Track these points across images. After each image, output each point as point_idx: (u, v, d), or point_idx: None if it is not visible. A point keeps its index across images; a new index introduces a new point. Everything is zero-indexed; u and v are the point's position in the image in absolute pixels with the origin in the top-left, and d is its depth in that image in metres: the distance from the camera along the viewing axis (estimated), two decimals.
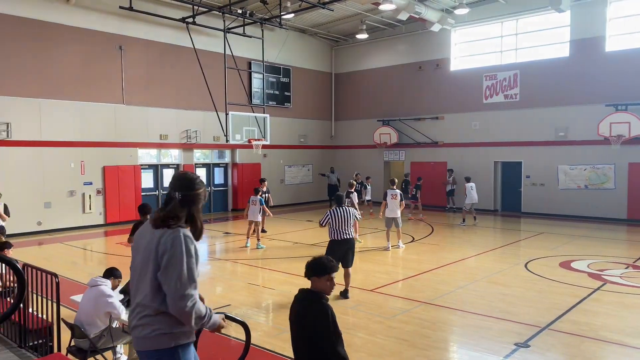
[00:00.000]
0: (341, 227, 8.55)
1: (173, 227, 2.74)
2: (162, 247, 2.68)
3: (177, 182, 2.89)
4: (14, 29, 14.89)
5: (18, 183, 14.94)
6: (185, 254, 2.68)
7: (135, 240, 2.93)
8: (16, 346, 5.25)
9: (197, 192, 2.88)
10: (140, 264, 2.79)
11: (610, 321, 7.23)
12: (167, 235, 2.70)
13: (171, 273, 2.64)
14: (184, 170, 3.10)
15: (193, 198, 2.85)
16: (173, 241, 2.67)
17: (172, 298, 2.65)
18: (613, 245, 13.36)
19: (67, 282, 9.75)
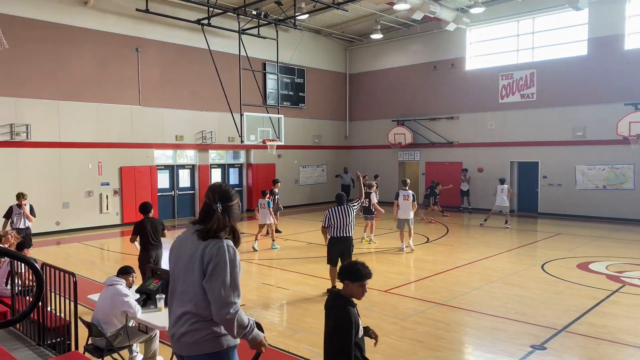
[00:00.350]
0: (340, 226, 8.66)
1: (216, 236, 2.86)
2: (208, 257, 2.79)
3: (216, 194, 2.98)
4: (33, 32, 15.15)
5: (37, 183, 15.20)
6: (229, 263, 2.79)
7: (176, 249, 3.02)
8: (35, 344, 5.35)
9: (234, 202, 3.01)
10: (184, 274, 2.88)
11: (629, 324, 7.11)
12: (212, 245, 2.82)
13: (215, 281, 2.75)
14: (218, 182, 3.16)
15: (231, 209, 2.97)
16: (218, 250, 2.79)
17: (215, 305, 2.75)
18: (632, 246, 13.14)
19: (85, 281, 9.89)
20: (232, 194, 3.01)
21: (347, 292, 3.68)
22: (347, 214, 8.65)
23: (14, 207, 10.62)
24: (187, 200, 19.86)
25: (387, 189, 24.24)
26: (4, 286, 6.87)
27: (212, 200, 2.95)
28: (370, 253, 12.47)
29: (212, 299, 2.77)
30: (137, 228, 8.06)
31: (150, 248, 8.00)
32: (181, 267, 2.91)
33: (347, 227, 8.66)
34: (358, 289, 3.65)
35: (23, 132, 15.02)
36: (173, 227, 17.46)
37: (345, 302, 3.63)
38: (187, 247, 2.91)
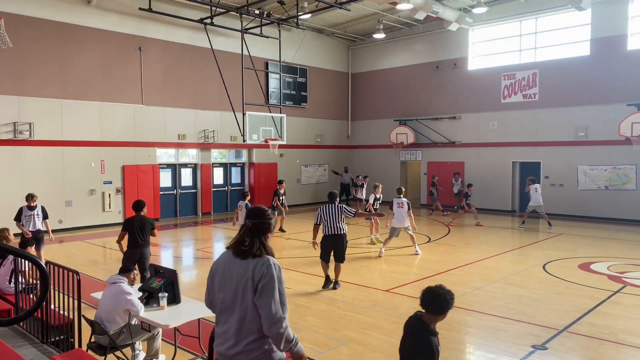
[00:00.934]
0: (331, 223, 8.86)
1: (260, 255, 3.01)
2: (258, 275, 2.94)
3: (250, 212, 3.18)
4: (36, 31, 15.20)
5: (40, 182, 15.24)
6: (277, 280, 2.95)
7: (221, 272, 3.13)
8: (38, 342, 5.38)
9: (263, 220, 3.13)
10: (236, 294, 3.00)
11: (630, 324, 7.13)
12: (260, 263, 2.97)
13: (266, 298, 2.90)
14: (259, 206, 3.27)
15: (260, 225, 3.10)
16: (267, 269, 2.94)
17: (267, 321, 2.91)
18: (634, 247, 13.13)
19: (88, 279, 9.94)
20: (265, 213, 3.16)
21: (430, 320, 3.53)
22: (337, 212, 8.86)
23: (23, 208, 10.02)
24: (189, 199, 19.90)
25: (387, 189, 24.26)
26: (7, 284, 6.91)
27: (247, 219, 3.15)
28: (372, 252, 12.48)
29: (263, 315, 2.92)
30: (125, 224, 8.12)
31: (135, 245, 8.00)
32: (231, 288, 3.03)
33: (337, 224, 8.86)
34: (444, 317, 3.54)
35: (26, 131, 15.07)
36: (175, 226, 17.51)
37: (429, 332, 3.49)
38: (235, 269, 3.05)
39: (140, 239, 8.01)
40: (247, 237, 3.07)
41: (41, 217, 10.03)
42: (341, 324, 7.22)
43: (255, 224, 3.11)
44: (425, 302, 3.53)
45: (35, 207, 10.00)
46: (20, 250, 2.85)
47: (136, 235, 8.00)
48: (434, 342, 3.42)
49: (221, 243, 14.88)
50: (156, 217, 18.25)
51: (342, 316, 7.59)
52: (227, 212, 20.88)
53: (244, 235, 3.09)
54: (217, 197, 20.79)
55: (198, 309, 5.69)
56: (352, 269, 10.61)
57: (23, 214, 9.93)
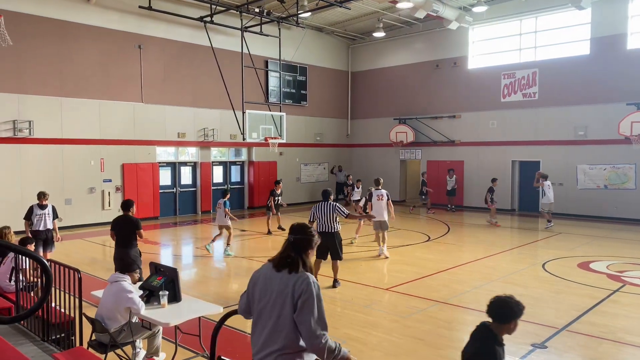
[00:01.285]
0: (323, 221, 8.93)
1: (298, 272, 3.07)
2: (298, 292, 3.01)
3: (292, 229, 3.25)
4: (36, 29, 15.18)
5: (39, 180, 15.23)
6: (316, 297, 3.00)
7: (262, 283, 3.18)
8: (39, 340, 5.38)
9: (308, 237, 3.19)
10: (274, 307, 3.07)
11: (630, 323, 7.14)
12: (300, 280, 3.03)
13: (306, 315, 2.97)
14: (301, 222, 3.31)
15: (301, 241, 3.17)
16: (307, 286, 3.01)
17: (307, 338, 2.98)
18: (633, 246, 13.15)
19: (87, 277, 9.94)
20: (306, 229, 3.22)
21: (497, 329, 3.43)
22: (330, 211, 8.91)
23: (34, 207, 9.59)
24: (188, 198, 19.89)
25: (389, 189, 24.24)
26: (7, 282, 6.91)
27: (289, 235, 3.23)
28: (371, 252, 12.50)
29: (303, 332, 2.99)
30: (112, 224, 8.16)
31: (118, 244, 8.03)
32: (269, 301, 3.10)
33: (330, 222, 8.91)
34: (511, 327, 3.43)
35: (26, 129, 15.06)
36: (175, 224, 17.52)
37: (494, 340, 3.38)
38: (275, 282, 3.11)
39: (122, 239, 8.00)
40: (289, 252, 3.14)
41: (52, 216, 9.68)
42: (341, 322, 7.23)
43: (298, 240, 3.17)
44: (492, 310, 3.47)
45: (46, 206, 9.64)
46: (22, 248, 2.85)
47: (119, 235, 8.02)
48: (499, 352, 3.35)
49: (221, 241, 14.86)
50: (156, 215, 18.27)
51: (342, 315, 7.60)
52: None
53: (287, 250, 3.16)
54: (216, 195, 20.72)
55: (199, 307, 5.70)
56: (351, 267, 10.63)
57: (34, 212, 9.53)
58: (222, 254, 12.37)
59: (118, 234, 8.07)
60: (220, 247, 12.64)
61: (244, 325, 6.95)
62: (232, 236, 12.55)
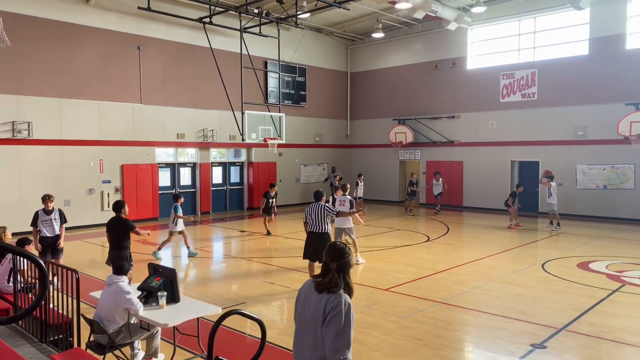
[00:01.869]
0: (314, 221, 8.91)
1: (335, 291, 3.20)
2: (328, 308, 3.16)
3: (330, 254, 3.32)
4: (35, 30, 15.17)
5: (39, 181, 15.23)
6: (344, 317, 3.13)
7: (303, 298, 3.38)
8: (37, 341, 5.37)
9: (346, 260, 3.30)
10: (312, 321, 3.26)
11: (629, 323, 7.14)
12: (333, 298, 3.18)
13: (331, 330, 3.11)
14: (334, 242, 3.41)
15: (344, 266, 3.29)
16: (337, 304, 3.15)
17: (329, 351, 3.13)
18: (632, 246, 13.15)
19: (86, 278, 9.92)
20: (345, 252, 3.31)
21: None
22: (320, 211, 8.89)
23: (40, 212, 8.98)
24: (188, 199, 19.84)
25: (386, 189, 24.31)
26: (5, 283, 6.90)
27: (328, 259, 3.30)
28: (370, 251, 12.49)
29: (327, 345, 3.14)
30: (106, 225, 8.16)
31: (111, 246, 8.06)
32: (307, 315, 3.30)
33: (320, 223, 8.89)
34: None
35: (25, 130, 15.05)
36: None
37: None
38: (313, 298, 3.29)
39: (114, 240, 8.00)
40: (330, 275, 3.26)
41: (59, 221, 9.09)
42: None
43: (339, 265, 3.27)
44: None
45: (52, 211, 9.02)
46: (19, 249, 2.85)
47: (112, 237, 8.03)
48: None
49: (220, 242, 14.87)
50: (155, 216, 18.25)
51: None
52: (226, 212, 20.89)
53: (331, 276, 3.26)
54: (216, 196, 20.78)
55: (197, 308, 5.70)
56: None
57: (39, 218, 8.91)
58: (222, 255, 12.34)
59: (110, 236, 8.08)
60: (184, 251, 12.50)
61: (243, 325, 6.94)
62: (187, 237, 12.30)
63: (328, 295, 3.21)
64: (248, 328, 6.90)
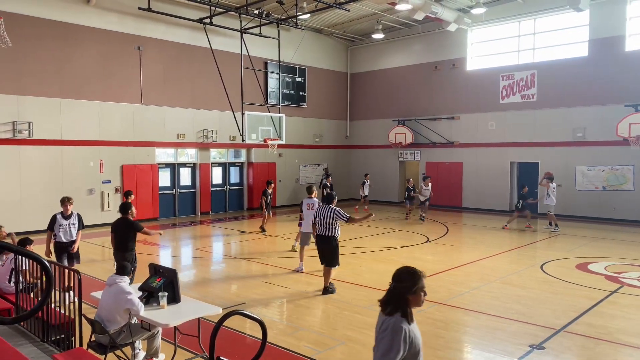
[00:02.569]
0: (322, 224, 8.86)
1: (392, 314, 3.20)
2: (382, 328, 3.20)
3: (394, 275, 3.32)
4: (35, 30, 15.20)
5: (38, 181, 15.27)
6: (392, 337, 3.10)
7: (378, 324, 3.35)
8: (39, 340, 5.40)
9: (408, 284, 3.22)
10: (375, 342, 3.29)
11: (627, 324, 7.17)
12: (387, 320, 3.19)
13: (378, 350, 3.16)
14: (405, 266, 3.38)
15: (404, 289, 3.22)
16: (388, 326, 3.15)
17: None
18: (631, 247, 13.19)
19: (87, 278, 9.95)
20: (407, 275, 3.26)
21: None
22: (330, 215, 8.82)
23: (57, 216, 8.43)
24: (187, 199, 19.91)
25: (386, 189, 24.34)
26: (7, 283, 6.94)
27: (391, 280, 3.32)
28: (370, 252, 12.53)
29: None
30: (111, 226, 8.22)
31: (116, 248, 8.08)
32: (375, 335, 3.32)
33: (325, 226, 8.83)
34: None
35: (25, 130, 15.08)
36: (174, 226, 17.53)
37: None
38: (379, 319, 3.32)
39: (119, 242, 8.01)
40: (387, 297, 3.27)
41: (77, 226, 8.53)
42: (340, 323, 7.25)
43: (399, 287, 3.23)
44: None
45: (71, 216, 8.49)
46: (21, 249, 2.87)
47: (117, 238, 8.04)
48: None
49: (220, 242, 14.90)
50: (155, 216, 18.28)
51: (341, 316, 7.62)
52: (226, 212, 20.92)
53: (387, 294, 3.28)
54: (215, 196, 20.81)
55: (198, 308, 5.73)
56: (350, 268, 10.65)
57: (57, 222, 8.38)
58: (221, 256, 12.38)
59: (115, 237, 8.10)
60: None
61: (243, 326, 6.97)
62: None
63: (384, 316, 3.21)
64: (248, 328, 6.93)
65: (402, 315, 3.15)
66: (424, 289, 3.22)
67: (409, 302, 3.20)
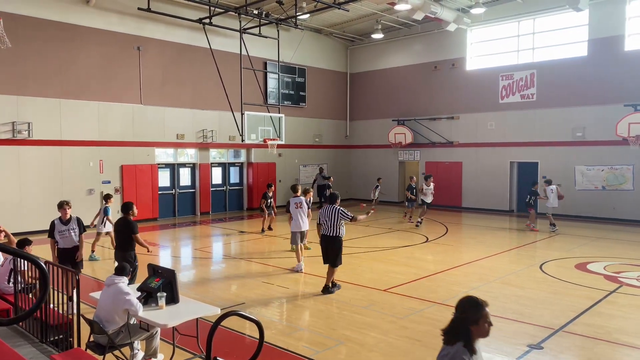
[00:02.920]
0: (327, 224, 8.86)
1: (452, 343, 3.10)
2: (441, 355, 3.14)
3: (457, 303, 3.23)
4: (35, 31, 15.21)
5: (38, 181, 15.28)
6: None
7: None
8: (38, 341, 5.41)
9: (469, 315, 3.12)
10: None
11: (626, 324, 7.18)
12: (448, 348, 3.12)
13: None
14: (469, 296, 3.27)
15: (466, 320, 3.12)
16: (448, 353, 3.09)
17: None
18: (630, 247, 13.19)
19: (86, 279, 9.97)
20: (469, 306, 3.16)
21: None
22: (335, 215, 8.81)
23: (56, 222, 8.09)
24: (187, 199, 19.92)
25: (388, 190, 24.32)
26: (6, 284, 6.94)
27: (455, 309, 3.23)
28: (369, 252, 12.53)
29: None
30: (116, 226, 8.22)
31: (116, 247, 8.09)
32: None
33: (331, 226, 8.82)
34: None
35: (25, 130, 15.09)
36: (174, 226, 17.54)
37: None
38: (442, 348, 3.24)
39: (119, 241, 8.02)
40: (448, 326, 3.20)
41: (77, 230, 8.15)
42: (339, 323, 7.26)
43: (460, 317, 3.16)
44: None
45: (70, 220, 8.10)
46: (19, 251, 2.88)
47: (117, 238, 8.06)
48: None
49: (219, 243, 14.91)
50: (155, 216, 18.29)
51: (340, 316, 7.63)
52: (226, 212, 20.93)
53: (449, 324, 3.20)
54: (215, 196, 20.81)
55: (196, 309, 5.73)
56: (350, 268, 10.66)
57: (56, 229, 8.04)
58: (221, 256, 12.36)
59: (116, 236, 8.13)
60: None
61: (242, 326, 6.98)
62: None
63: (445, 345, 3.12)
64: (247, 329, 6.93)
65: (464, 346, 3.06)
66: (488, 319, 3.09)
67: (473, 333, 3.09)
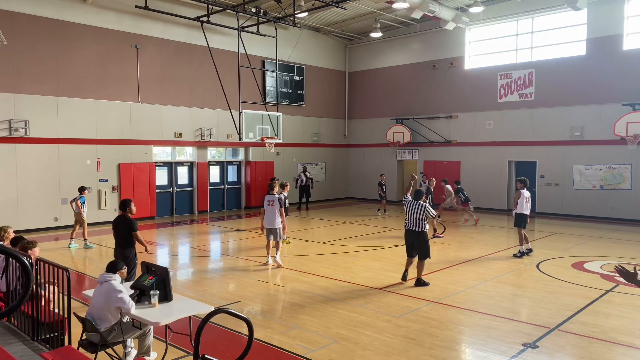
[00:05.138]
0: (412, 219, 9.24)
1: None
2: None
3: None
4: (32, 28, 15.17)
5: (35, 179, 15.25)
6: None
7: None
8: (29, 339, 5.38)
9: None
10: None
11: (621, 323, 7.16)
12: None
13: None
14: None
15: None
16: None
17: None
18: (628, 246, 13.18)
19: (82, 277, 9.96)
20: None
21: None
22: (419, 210, 9.15)
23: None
24: (185, 197, 19.89)
25: (386, 188, 24.28)
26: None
27: None
28: (366, 251, 12.51)
29: None
30: (114, 223, 8.18)
31: (115, 244, 8.05)
32: None
33: (414, 221, 9.20)
34: None
35: (22, 128, 15.05)
36: (171, 224, 17.51)
37: None
38: None
39: (118, 238, 8.00)
40: None
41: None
42: (333, 322, 7.24)
43: None
44: None
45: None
46: (4, 247, 2.85)
47: (116, 235, 8.03)
48: None
49: (217, 241, 14.89)
50: (152, 215, 18.26)
51: (335, 314, 7.61)
52: (224, 211, 20.90)
53: None
54: (213, 195, 20.78)
55: (189, 307, 5.70)
56: (344, 267, 10.64)
57: None
58: (219, 254, 12.32)
59: (115, 234, 8.09)
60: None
61: (238, 324, 6.95)
62: (86, 229, 13.24)
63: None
64: (243, 327, 6.90)
65: None
66: None
67: None
